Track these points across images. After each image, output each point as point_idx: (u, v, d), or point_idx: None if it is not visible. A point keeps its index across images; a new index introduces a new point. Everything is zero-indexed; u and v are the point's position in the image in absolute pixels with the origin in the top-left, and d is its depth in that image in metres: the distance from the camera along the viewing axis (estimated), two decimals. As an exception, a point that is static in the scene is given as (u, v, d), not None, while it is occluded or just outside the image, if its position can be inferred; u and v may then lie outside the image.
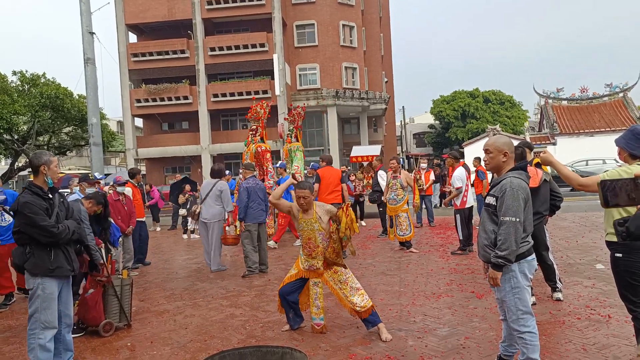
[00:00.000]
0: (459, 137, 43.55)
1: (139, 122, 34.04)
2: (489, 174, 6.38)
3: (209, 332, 4.82)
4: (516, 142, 4.76)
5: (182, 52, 29.29)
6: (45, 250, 3.70)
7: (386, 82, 39.72)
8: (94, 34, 14.53)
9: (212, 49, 28.93)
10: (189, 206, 12.63)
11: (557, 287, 5.22)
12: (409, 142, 54.11)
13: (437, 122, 49.08)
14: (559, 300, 5.14)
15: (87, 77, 14.39)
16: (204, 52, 29.08)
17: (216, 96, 29.11)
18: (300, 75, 31.28)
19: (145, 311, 5.72)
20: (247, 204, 7.39)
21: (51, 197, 3.81)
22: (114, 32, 32.81)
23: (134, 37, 31.85)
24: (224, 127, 32.05)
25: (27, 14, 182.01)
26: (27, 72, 25.26)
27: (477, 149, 18.95)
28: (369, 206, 13.45)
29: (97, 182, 9.22)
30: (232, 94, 28.85)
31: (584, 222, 10.90)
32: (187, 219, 12.67)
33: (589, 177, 3.23)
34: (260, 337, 4.58)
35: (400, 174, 8.60)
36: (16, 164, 27.64)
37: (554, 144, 29.58)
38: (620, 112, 31.05)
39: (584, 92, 33.18)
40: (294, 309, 4.69)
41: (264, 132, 11.44)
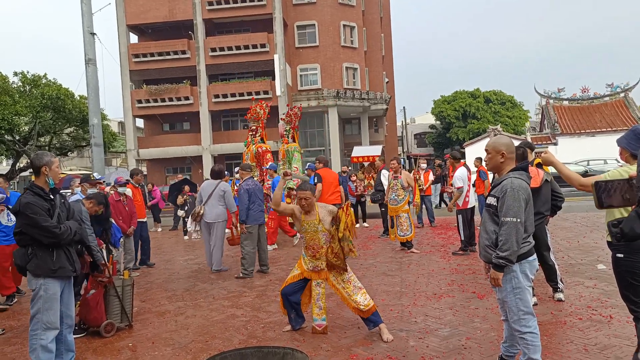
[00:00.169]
0: (460, 138, 43.49)
1: (140, 122, 34.04)
2: (491, 174, 6.36)
3: (210, 333, 4.83)
4: (517, 142, 4.77)
5: (183, 52, 29.30)
6: (47, 251, 3.70)
7: (387, 82, 39.70)
8: (95, 34, 14.55)
9: (213, 50, 28.95)
10: (188, 207, 12.64)
11: (559, 288, 5.22)
12: (410, 142, 54.09)
13: (438, 122, 49.03)
14: (560, 300, 5.14)
15: (88, 78, 14.40)
16: (205, 53, 29.09)
17: (217, 97, 29.12)
18: (301, 75, 31.29)
19: (146, 312, 5.73)
20: (248, 205, 7.39)
21: (52, 197, 3.82)
22: (115, 33, 32.84)
23: (135, 38, 31.88)
24: (225, 127, 32.07)
25: (27, 14, 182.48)
26: (28, 73, 25.27)
27: (478, 149, 18.97)
28: (370, 207, 13.46)
29: (99, 183, 9.23)
30: (233, 95, 28.86)
31: (585, 223, 10.89)
32: (185, 219, 12.66)
33: (590, 177, 3.23)
34: (261, 338, 4.59)
35: (401, 174, 8.61)
36: (17, 164, 27.68)
37: (555, 144, 29.56)
38: (621, 112, 31.03)
39: (585, 92, 33.15)
40: (296, 309, 4.69)
41: (263, 132, 11.44)
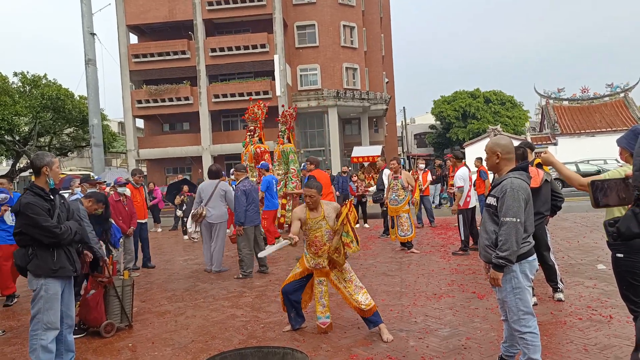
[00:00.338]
0: (460, 138, 43.46)
1: (140, 123, 34.04)
2: (491, 174, 6.36)
3: (210, 333, 4.83)
4: (517, 142, 4.77)
5: (183, 52, 29.29)
6: (47, 251, 3.71)
7: (387, 82, 39.70)
8: (95, 34, 14.56)
9: (213, 50, 28.94)
10: (185, 207, 12.63)
11: (559, 288, 5.22)
12: (409, 142, 54.06)
13: (438, 122, 48.98)
14: (560, 300, 5.14)
15: (88, 78, 14.43)
16: (204, 53, 29.09)
17: (217, 97, 29.12)
18: (301, 75, 31.28)
19: (146, 312, 5.73)
20: (246, 207, 7.37)
21: (52, 198, 3.82)
22: (114, 33, 32.90)
23: (134, 38, 31.88)
24: (224, 127, 32.07)
25: (27, 14, 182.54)
26: (28, 73, 25.31)
27: (478, 150, 18.94)
28: (370, 208, 13.47)
29: (99, 183, 9.24)
30: (233, 95, 28.86)
31: (585, 223, 10.89)
32: (183, 219, 12.65)
33: (589, 177, 3.23)
34: (261, 338, 4.59)
35: (401, 175, 8.61)
36: (17, 165, 27.68)
37: (555, 144, 29.55)
38: (621, 112, 31.02)
39: (584, 92, 33.12)
40: (296, 308, 4.70)
41: (262, 132, 11.43)
